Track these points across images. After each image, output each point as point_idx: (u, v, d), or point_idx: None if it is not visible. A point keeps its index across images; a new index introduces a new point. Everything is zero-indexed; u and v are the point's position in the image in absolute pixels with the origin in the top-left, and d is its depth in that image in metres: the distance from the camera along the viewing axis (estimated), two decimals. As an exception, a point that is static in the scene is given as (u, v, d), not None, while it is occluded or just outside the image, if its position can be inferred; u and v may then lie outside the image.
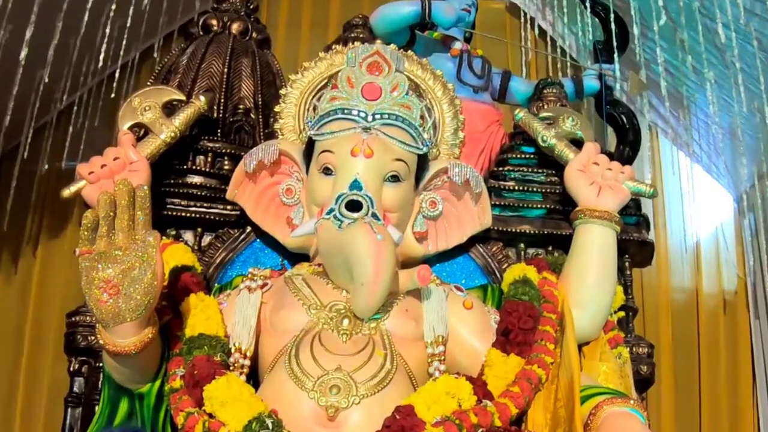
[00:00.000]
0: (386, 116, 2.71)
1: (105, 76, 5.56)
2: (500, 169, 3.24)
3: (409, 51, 3.01)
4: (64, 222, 6.12)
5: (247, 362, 2.52)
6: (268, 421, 2.17)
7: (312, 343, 2.40)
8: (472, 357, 2.58)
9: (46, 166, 5.91)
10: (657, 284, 6.20)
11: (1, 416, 5.89)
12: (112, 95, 5.38)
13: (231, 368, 2.46)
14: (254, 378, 2.54)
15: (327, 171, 2.65)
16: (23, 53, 4.46)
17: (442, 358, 2.54)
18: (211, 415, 2.24)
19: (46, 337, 5.92)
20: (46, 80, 4.99)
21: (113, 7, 4.73)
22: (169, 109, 3.00)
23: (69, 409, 2.94)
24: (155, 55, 5.76)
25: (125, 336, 2.26)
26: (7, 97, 4.82)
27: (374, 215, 2.52)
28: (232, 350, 2.51)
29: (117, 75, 5.42)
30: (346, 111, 2.71)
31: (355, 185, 2.57)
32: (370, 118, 2.69)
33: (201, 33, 3.50)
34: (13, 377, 5.94)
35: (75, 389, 2.95)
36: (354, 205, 2.52)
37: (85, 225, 2.21)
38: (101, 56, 4.74)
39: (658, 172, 6.28)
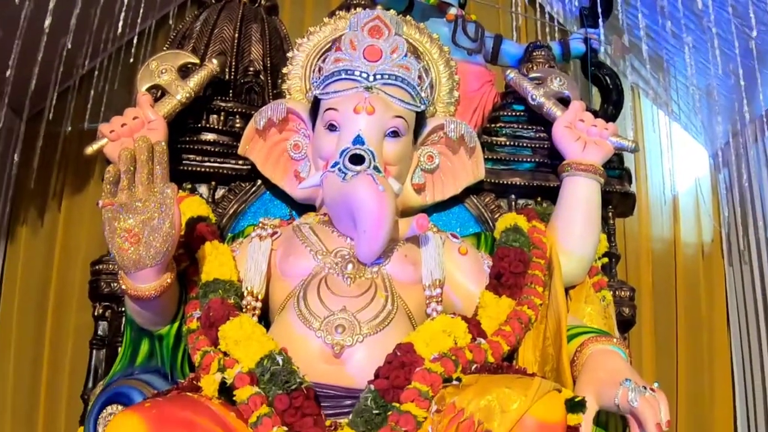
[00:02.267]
0: (386, 76, 2.70)
1: (124, 42, 5.55)
2: (492, 125, 3.24)
3: (408, 16, 2.99)
4: (86, 179, 6.14)
5: (259, 305, 2.55)
6: (279, 358, 2.20)
7: (319, 286, 2.43)
8: (466, 299, 2.60)
9: (70, 128, 5.91)
10: (638, 233, 6.23)
11: (30, 360, 5.95)
12: (131, 60, 5.38)
13: (244, 310, 2.49)
14: (265, 319, 2.56)
15: (332, 127, 2.65)
16: (47, 22, 4.44)
17: (439, 299, 2.56)
18: (225, 353, 2.27)
19: (72, 284, 5.97)
20: (69, 47, 4.96)
21: (131, -24, 4.73)
22: (184, 71, 3.00)
23: (94, 351, 2.95)
24: (170, 22, 5.78)
25: (146, 281, 2.29)
26: (32, 63, 4.81)
27: (376, 168, 2.51)
28: (245, 294, 2.54)
29: (135, 41, 5.39)
30: (349, 72, 2.70)
31: (358, 140, 2.56)
32: (371, 78, 2.68)
33: (213, 1, 3.49)
34: (41, 323, 6.00)
35: (99, 332, 2.96)
36: (357, 159, 2.51)
37: (107, 179, 2.23)
38: (120, 24, 4.72)
39: (639, 129, 6.28)
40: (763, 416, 5.80)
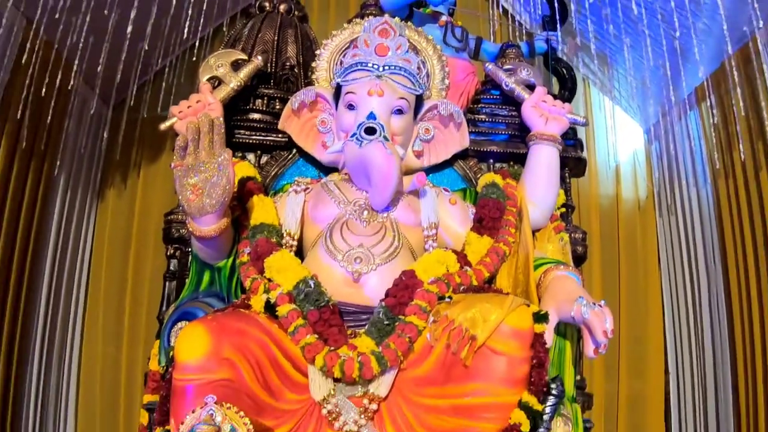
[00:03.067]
0: (393, 67, 2.70)
1: (188, 46, 5.56)
2: (475, 106, 3.23)
3: (408, 22, 2.99)
4: (159, 152, 6.18)
5: (295, 243, 2.59)
6: (311, 282, 2.27)
7: (341, 228, 2.47)
8: (456, 238, 2.63)
9: (146, 114, 5.94)
10: (588, 190, 6.23)
11: (116, 292, 6.02)
12: (194, 59, 5.41)
13: (283, 247, 2.52)
14: (300, 254, 2.58)
15: (351, 107, 2.66)
16: (129, 29, 4.46)
17: (435, 238, 2.59)
18: (269, 280, 2.33)
19: (148, 234, 6.05)
20: (146, 49, 5.00)
21: (194, -5, 4.74)
22: (236, 66, 3.00)
23: (166, 283, 2.98)
24: (224, 29, 5.77)
25: (208, 224, 2.35)
26: (117, 62, 4.84)
27: (385, 137, 2.52)
28: (284, 234, 2.58)
29: (197, 45, 5.41)
30: (363, 64, 2.70)
31: (371, 116, 2.57)
32: (381, 69, 2.68)
33: (258, 12, 3.49)
34: (125, 264, 6.07)
35: (171, 268, 2.99)
36: (370, 130, 2.52)
37: (178, 146, 2.29)
38: (185, 31, 4.72)
39: (589, 111, 6.27)
40: (687, 331, 5.90)
